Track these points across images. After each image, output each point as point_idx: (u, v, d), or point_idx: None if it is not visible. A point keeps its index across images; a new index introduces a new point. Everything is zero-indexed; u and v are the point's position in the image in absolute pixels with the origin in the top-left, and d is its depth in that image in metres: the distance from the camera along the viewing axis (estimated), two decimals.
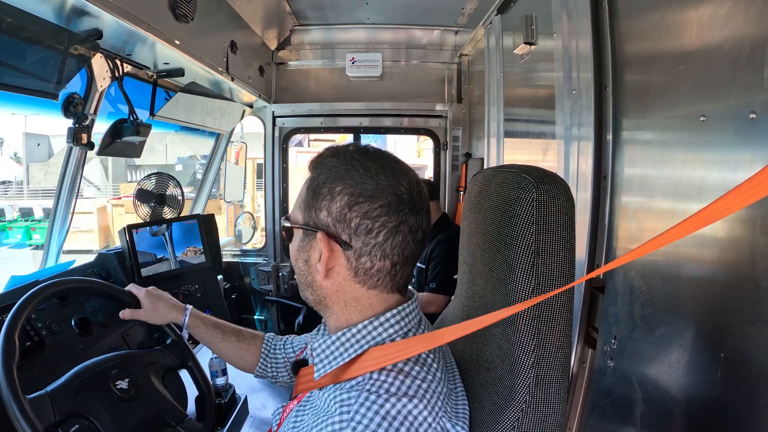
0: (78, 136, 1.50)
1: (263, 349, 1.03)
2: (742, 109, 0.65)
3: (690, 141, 0.79)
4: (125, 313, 1.04)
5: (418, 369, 0.58)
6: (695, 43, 0.77)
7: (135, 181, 2.90)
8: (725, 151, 0.70)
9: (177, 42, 1.47)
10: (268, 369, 1.03)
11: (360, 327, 0.62)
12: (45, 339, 1.18)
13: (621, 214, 1.02)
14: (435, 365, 0.61)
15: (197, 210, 2.70)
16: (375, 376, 0.57)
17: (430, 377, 0.58)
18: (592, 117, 1.08)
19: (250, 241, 2.96)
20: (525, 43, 1.47)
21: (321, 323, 0.93)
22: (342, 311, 0.64)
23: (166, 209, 1.98)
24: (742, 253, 0.66)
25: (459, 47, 2.68)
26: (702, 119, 0.74)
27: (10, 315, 0.88)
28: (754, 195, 0.39)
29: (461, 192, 2.67)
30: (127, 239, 1.76)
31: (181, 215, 2.04)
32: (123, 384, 0.95)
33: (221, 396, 1.39)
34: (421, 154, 10.24)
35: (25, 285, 1.33)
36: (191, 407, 1.11)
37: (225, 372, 1.43)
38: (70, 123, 1.50)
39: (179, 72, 1.74)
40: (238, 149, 2.86)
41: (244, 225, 2.96)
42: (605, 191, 1.05)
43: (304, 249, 0.64)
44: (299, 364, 0.75)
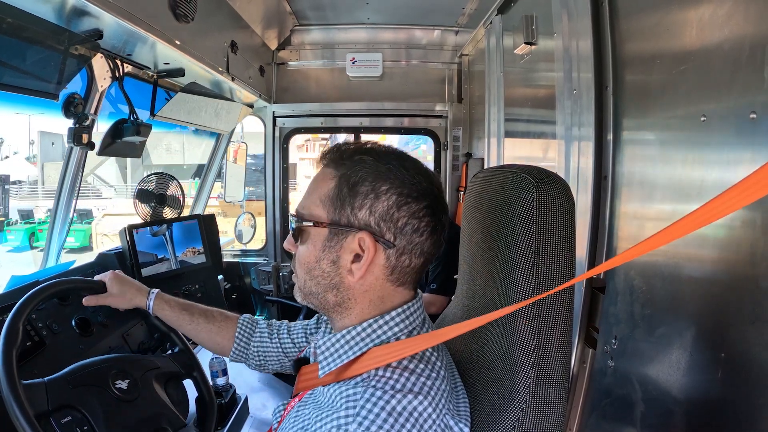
0: (78, 136, 1.50)
1: (238, 333, 0.98)
2: (742, 109, 0.65)
3: (690, 141, 0.79)
4: (89, 300, 1.02)
5: (422, 366, 0.59)
6: (695, 43, 0.77)
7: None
8: (725, 151, 0.70)
9: (177, 42, 1.47)
10: (248, 354, 0.98)
11: (365, 325, 0.62)
12: (45, 339, 1.18)
13: (621, 214, 1.02)
14: (438, 363, 0.61)
15: (197, 210, 2.70)
16: (380, 372, 0.58)
17: (434, 375, 0.59)
18: (592, 117, 1.08)
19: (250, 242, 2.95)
20: (525, 43, 1.47)
21: (320, 319, 0.93)
22: (363, 310, 0.63)
23: (166, 209, 1.98)
24: (742, 253, 0.66)
25: (459, 47, 2.68)
26: (702, 119, 0.74)
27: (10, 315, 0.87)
28: (753, 194, 0.39)
29: (461, 192, 2.67)
30: (128, 239, 1.76)
31: (182, 215, 2.04)
32: (122, 384, 0.95)
33: (221, 396, 1.39)
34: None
35: (26, 285, 1.33)
36: (192, 408, 1.11)
37: (225, 372, 1.43)
38: (71, 123, 1.50)
39: (180, 72, 1.74)
40: (236, 148, 2.85)
41: (244, 225, 2.95)
42: (605, 191, 1.05)
43: (331, 249, 0.61)
44: (300, 362, 0.75)
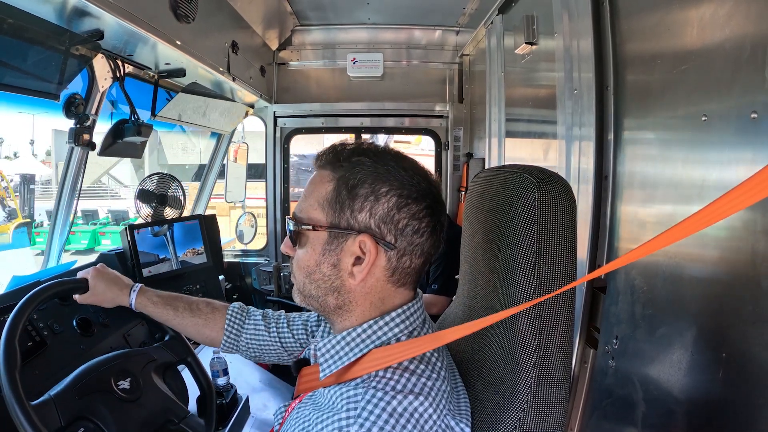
0: (79, 136, 1.50)
1: (228, 323, 0.96)
2: (743, 109, 0.65)
3: (691, 141, 0.79)
4: (78, 299, 1.00)
5: (423, 367, 0.59)
6: (696, 43, 0.77)
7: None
8: (726, 151, 0.70)
9: (178, 42, 1.47)
10: (239, 344, 0.96)
11: (365, 326, 0.62)
12: (46, 339, 1.18)
13: (622, 214, 1.02)
14: (439, 364, 0.61)
15: (198, 210, 2.70)
16: (381, 373, 0.58)
17: (434, 375, 0.59)
18: (593, 117, 1.08)
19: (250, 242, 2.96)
20: (526, 43, 1.47)
21: (320, 317, 0.92)
22: (363, 312, 0.63)
23: (167, 209, 1.98)
24: (743, 253, 0.66)
25: (460, 47, 2.68)
26: (703, 119, 0.74)
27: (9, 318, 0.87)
28: (755, 195, 0.39)
29: (462, 192, 2.67)
30: (129, 239, 1.76)
31: (183, 215, 2.04)
32: (125, 384, 0.95)
33: (222, 396, 1.39)
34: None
35: (27, 285, 1.33)
36: (192, 404, 1.11)
37: (226, 372, 1.43)
38: (71, 123, 1.51)
39: (180, 72, 1.74)
40: (235, 148, 2.85)
41: (245, 225, 2.95)
42: (606, 191, 1.05)
43: (332, 252, 0.61)
44: (300, 363, 0.75)
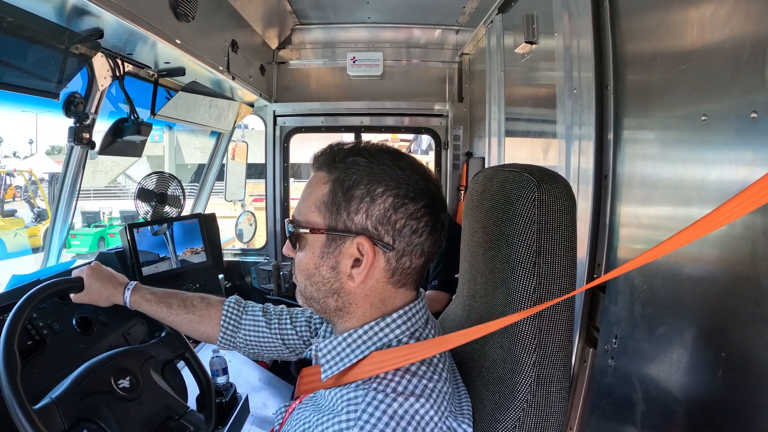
0: (79, 135, 1.50)
1: (224, 319, 0.94)
2: (743, 109, 0.65)
3: (691, 140, 0.79)
4: (73, 298, 1.00)
5: (424, 369, 0.58)
6: (696, 43, 0.77)
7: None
8: (726, 151, 0.70)
9: (178, 41, 1.47)
10: (236, 341, 0.94)
11: (366, 328, 0.62)
12: (46, 338, 1.18)
13: (622, 213, 1.02)
14: (441, 365, 0.61)
15: (198, 209, 2.70)
16: (382, 374, 0.57)
17: (436, 377, 0.58)
18: (593, 116, 1.08)
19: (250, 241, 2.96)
20: (526, 42, 1.47)
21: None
22: (364, 314, 0.63)
23: (167, 208, 1.98)
24: (742, 253, 0.66)
25: (460, 46, 2.67)
26: (703, 119, 0.74)
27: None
28: (757, 201, 0.39)
29: (462, 191, 2.67)
30: (128, 238, 1.76)
31: (183, 214, 2.04)
32: (125, 383, 0.95)
33: (222, 395, 1.39)
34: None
35: (26, 284, 1.33)
36: (192, 403, 1.11)
37: (226, 371, 1.43)
38: (71, 122, 1.50)
39: (180, 71, 1.74)
40: (233, 146, 2.84)
41: (245, 224, 2.95)
42: (606, 190, 1.05)
43: (330, 255, 0.60)
44: (301, 363, 0.74)
